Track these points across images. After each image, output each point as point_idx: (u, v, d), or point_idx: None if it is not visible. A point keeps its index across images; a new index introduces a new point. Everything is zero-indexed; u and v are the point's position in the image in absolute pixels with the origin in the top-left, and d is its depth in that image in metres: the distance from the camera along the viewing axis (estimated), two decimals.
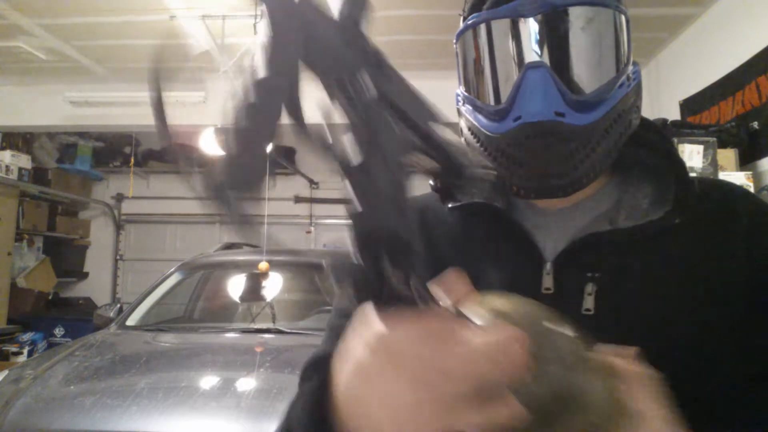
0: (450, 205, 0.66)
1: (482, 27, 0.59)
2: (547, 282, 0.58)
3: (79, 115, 4.37)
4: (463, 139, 0.64)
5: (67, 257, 6.10)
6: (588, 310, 0.56)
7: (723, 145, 2.72)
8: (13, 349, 4.67)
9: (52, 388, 1.96)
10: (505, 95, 0.57)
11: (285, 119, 0.37)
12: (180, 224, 6.39)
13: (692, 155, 2.68)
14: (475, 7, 0.62)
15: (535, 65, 0.55)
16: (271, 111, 0.35)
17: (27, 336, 4.84)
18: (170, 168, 6.26)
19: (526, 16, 0.56)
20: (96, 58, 4.07)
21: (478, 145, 0.61)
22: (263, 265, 2.79)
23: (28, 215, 5.44)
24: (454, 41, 0.64)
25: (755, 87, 2.70)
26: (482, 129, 0.60)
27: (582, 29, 0.56)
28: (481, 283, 0.60)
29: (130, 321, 2.90)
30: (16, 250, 5.20)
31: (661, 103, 3.64)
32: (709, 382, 0.53)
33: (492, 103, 0.59)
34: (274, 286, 2.89)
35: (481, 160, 0.38)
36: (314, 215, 6.28)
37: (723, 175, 2.70)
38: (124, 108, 4.27)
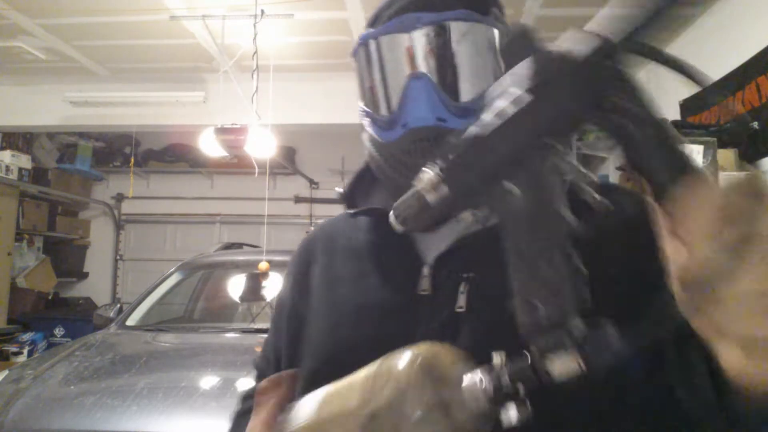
0: (349, 212, 0.73)
1: (371, 43, 0.65)
2: (424, 284, 0.62)
3: (79, 115, 4.36)
4: (367, 153, 0.70)
5: (67, 257, 6.10)
6: (461, 307, 0.59)
7: (723, 145, 2.72)
8: (13, 349, 4.67)
9: (52, 388, 1.96)
10: (394, 106, 0.63)
11: None
12: (180, 224, 6.39)
13: (692, 155, 2.68)
14: (370, 25, 0.68)
15: (417, 75, 0.61)
16: None
17: (27, 336, 4.84)
18: (170, 168, 6.27)
19: (408, 32, 0.62)
20: (96, 58, 4.07)
21: (378, 155, 0.66)
22: (263, 265, 2.79)
23: (28, 215, 5.44)
24: (352, 57, 0.70)
25: (755, 87, 2.70)
26: (378, 139, 0.65)
27: (458, 42, 0.62)
28: (366, 288, 0.65)
29: (130, 321, 2.90)
30: (16, 250, 5.20)
31: (661, 103, 3.62)
32: None
33: (385, 113, 0.65)
34: (274, 286, 2.89)
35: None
36: (314, 215, 6.28)
37: (723, 176, 2.70)
38: (124, 108, 4.27)
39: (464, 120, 0.58)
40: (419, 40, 0.62)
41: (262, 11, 3.14)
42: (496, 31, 0.64)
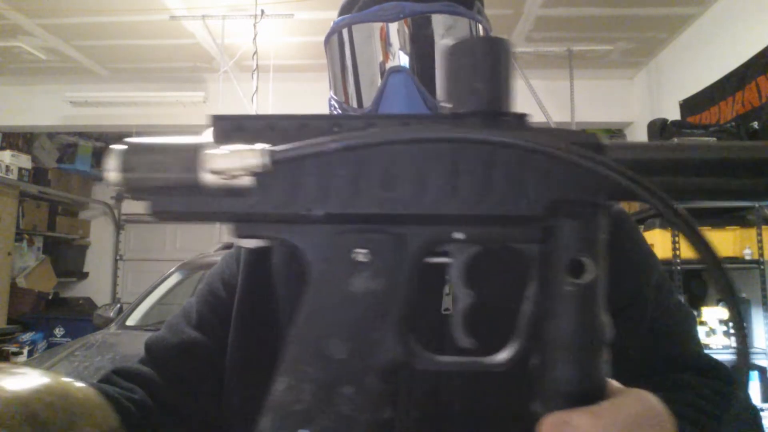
0: None
1: (346, 31, 0.61)
2: (447, 302, 0.57)
3: (79, 115, 4.37)
4: None
5: (67, 257, 6.09)
6: None
7: None
8: (13, 349, 4.67)
9: None
10: (369, 99, 0.59)
11: None
12: (180, 224, 6.38)
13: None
14: (345, 11, 0.64)
15: (396, 69, 0.57)
16: None
17: (27, 336, 4.84)
18: None
19: (387, 22, 0.58)
20: (96, 58, 4.07)
21: None
22: None
23: (28, 215, 5.44)
24: (324, 44, 0.65)
25: (755, 87, 2.70)
26: None
27: (441, 36, 0.59)
28: None
29: (130, 321, 2.90)
30: (16, 250, 5.20)
31: (661, 103, 3.64)
32: None
33: (355, 105, 0.61)
34: None
35: None
36: None
37: None
38: (124, 108, 4.27)
39: None
40: (401, 31, 0.58)
41: (262, 11, 3.14)
42: (479, 27, 0.61)
